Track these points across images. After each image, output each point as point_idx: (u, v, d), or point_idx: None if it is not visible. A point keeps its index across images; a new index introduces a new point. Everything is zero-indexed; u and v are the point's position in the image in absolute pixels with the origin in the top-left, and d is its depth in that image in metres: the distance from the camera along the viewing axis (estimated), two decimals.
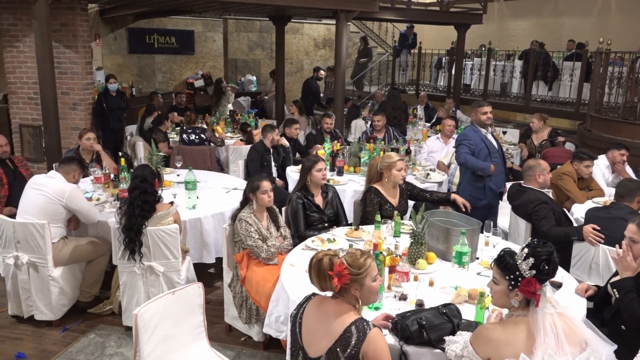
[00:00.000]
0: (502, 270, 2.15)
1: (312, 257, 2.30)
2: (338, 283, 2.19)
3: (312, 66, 14.22)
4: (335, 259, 2.23)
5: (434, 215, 3.74)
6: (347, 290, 2.23)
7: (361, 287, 2.23)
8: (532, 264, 2.06)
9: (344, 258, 2.24)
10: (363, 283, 2.22)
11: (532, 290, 2.06)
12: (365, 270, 2.22)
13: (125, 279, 3.89)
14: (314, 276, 2.28)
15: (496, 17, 14.18)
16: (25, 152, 7.25)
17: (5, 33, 7.09)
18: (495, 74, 11.55)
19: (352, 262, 2.22)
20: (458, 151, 4.87)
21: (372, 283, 2.26)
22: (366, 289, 2.24)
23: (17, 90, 7.23)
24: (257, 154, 5.97)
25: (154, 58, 12.62)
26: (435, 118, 9.62)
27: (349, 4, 7.75)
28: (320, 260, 2.24)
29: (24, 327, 4.06)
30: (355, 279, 2.20)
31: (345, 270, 2.19)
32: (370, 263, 2.25)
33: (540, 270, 2.06)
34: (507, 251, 2.19)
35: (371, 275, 2.24)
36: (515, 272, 2.09)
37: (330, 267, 2.21)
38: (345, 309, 2.22)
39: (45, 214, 3.98)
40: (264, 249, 3.67)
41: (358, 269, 2.21)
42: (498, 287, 2.18)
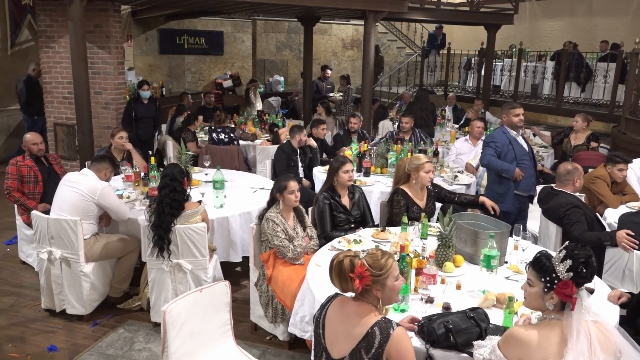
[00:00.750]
0: (537, 272, 2.11)
1: (333, 259, 2.29)
2: (359, 285, 2.18)
3: (340, 66, 14.24)
4: (356, 260, 2.22)
5: (461, 217, 3.70)
6: (368, 292, 2.22)
7: (383, 287, 2.21)
8: (569, 266, 2.02)
9: (365, 259, 2.22)
10: (385, 284, 2.21)
11: (568, 293, 2.01)
12: (387, 270, 2.20)
13: (154, 275, 3.96)
14: (335, 278, 2.26)
15: (527, 17, 13.93)
16: (59, 150, 7.44)
17: (42, 34, 7.29)
18: (526, 75, 11.35)
19: (373, 263, 2.20)
20: (483, 152, 4.82)
21: (394, 283, 2.24)
22: (388, 289, 2.23)
23: (52, 90, 7.43)
24: (284, 154, 6.00)
25: (183, 58, 12.81)
26: (463, 119, 9.51)
27: (378, 5, 7.72)
28: (341, 262, 2.23)
29: (56, 321, 4.17)
30: (376, 280, 2.19)
31: (367, 272, 2.17)
32: (392, 263, 2.23)
33: (578, 273, 2.02)
34: (544, 253, 2.15)
35: (393, 276, 2.23)
36: (551, 274, 2.05)
37: (351, 268, 2.20)
38: (367, 309, 2.21)
39: (78, 211, 4.08)
40: (290, 249, 3.69)
41: (379, 269, 2.19)
42: (533, 289, 2.14)
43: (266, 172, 6.23)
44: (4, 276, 4.92)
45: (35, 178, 4.86)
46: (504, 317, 2.65)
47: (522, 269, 3.34)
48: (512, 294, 2.75)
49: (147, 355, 3.73)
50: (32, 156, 4.92)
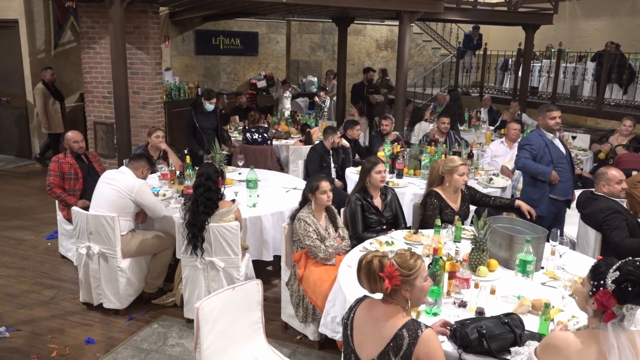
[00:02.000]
0: (591, 274, 2.06)
1: (361, 259, 2.28)
2: (389, 284, 2.17)
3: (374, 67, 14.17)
4: (385, 260, 2.21)
5: (497, 221, 3.63)
6: (397, 292, 2.20)
7: (412, 288, 2.20)
8: (615, 278, 1.95)
9: (394, 259, 2.21)
10: (414, 284, 2.20)
11: (605, 302, 1.95)
12: (416, 271, 2.19)
13: (188, 272, 4.02)
14: (364, 278, 2.26)
15: (567, 17, 13.58)
16: (99, 148, 7.65)
17: (84, 35, 7.51)
18: (566, 77, 11.06)
19: (402, 263, 2.19)
20: (518, 155, 4.72)
21: (423, 284, 2.23)
22: (417, 290, 2.22)
23: (92, 90, 7.64)
24: (316, 155, 6.02)
25: (219, 59, 12.99)
26: (499, 121, 9.34)
27: (414, 5, 7.65)
28: (370, 262, 2.22)
29: (93, 314, 4.28)
30: (406, 280, 2.18)
31: (396, 272, 2.16)
32: (420, 264, 2.22)
33: (621, 289, 1.93)
34: (608, 260, 2.09)
35: (422, 276, 2.22)
36: (599, 280, 1.99)
37: (380, 268, 2.19)
38: (395, 311, 2.20)
39: (116, 208, 4.18)
40: (321, 249, 3.70)
41: (409, 270, 2.18)
42: (583, 289, 2.10)
43: (298, 172, 6.25)
44: (45, 270, 5.08)
45: (75, 175, 5.00)
46: (539, 324, 2.59)
47: (559, 275, 3.26)
48: (549, 300, 2.69)
49: (180, 351, 3.79)
50: (73, 154, 5.07)
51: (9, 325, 4.04)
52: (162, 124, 7.69)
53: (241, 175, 5.47)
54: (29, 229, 6.07)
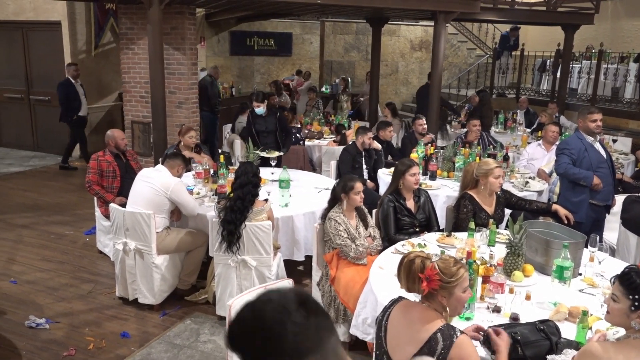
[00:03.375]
0: (625, 288, 1.98)
1: (404, 256, 2.27)
2: (426, 287, 2.15)
3: (408, 68, 14.07)
4: (428, 262, 2.19)
5: (533, 225, 3.55)
6: (434, 296, 2.18)
7: (449, 296, 2.17)
8: None
9: (437, 263, 2.18)
10: (452, 292, 2.16)
11: None
12: (457, 280, 2.16)
13: (220, 270, 4.08)
14: (403, 276, 2.24)
15: (609, 17, 13.17)
16: (135, 147, 7.82)
17: (123, 36, 7.70)
18: (606, 78, 10.73)
19: (444, 268, 2.16)
20: (558, 160, 4.58)
21: (462, 294, 2.19)
22: (454, 299, 2.18)
23: (130, 89, 7.82)
24: (349, 156, 6.01)
25: (253, 59, 13.11)
26: (536, 123, 9.13)
27: (450, 5, 7.56)
28: (412, 261, 2.21)
29: (129, 309, 4.38)
30: (444, 286, 2.15)
31: (436, 276, 2.14)
32: (463, 274, 2.18)
33: None
34: (634, 269, 2.01)
35: (462, 286, 2.18)
36: None
37: (421, 269, 2.17)
38: (431, 315, 2.17)
39: (152, 205, 4.27)
40: (352, 248, 3.69)
41: (449, 277, 2.15)
42: (617, 305, 2.01)
43: (331, 172, 6.26)
44: (84, 264, 5.23)
45: (113, 173, 5.13)
46: (576, 332, 2.53)
47: (597, 282, 3.17)
48: (587, 307, 2.62)
49: (212, 347, 3.85)
50: (112, 152, 5.20)
51: (48, 317, 4.18)
52: (196, 124, 7.81)
53: (274, 175, 5.51)
54: (68, 225, 6.26)
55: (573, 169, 4.45)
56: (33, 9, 9.29)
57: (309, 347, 1.07)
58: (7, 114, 10.33)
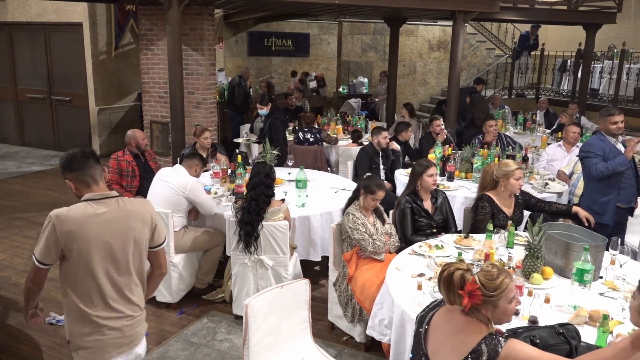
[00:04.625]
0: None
1: (444, 269, 2.12)
2: (468, 303, 2.02)
3: (425, 68, 13.99)
4: (468, 275, 2.04)
5: (552, 227, 3.51)
6: (477, 310, 2.06)
7: (494, 309, 2.04)
8: None
9: (478, 276, 2.04)
10: (497, 305, 2.03)
11: None
12: (501, 292, 2.01)
13: (237, 270, 4.10)
14: (443, 290, 2.11)
15: (632, 16, 12.94)
16: (154, 147, 7.90)
17: (143, 37, 7.79)
18: (629, 78, 10.54)
19: (486, 282, 2.01)
20: (587, 164, 4.40)
21: (508, 305, 2.05)
22: (500, 311, 2.05)
23: (149, 90, 7.91)
24: (366, 156, 5.99)
25: (270, 60, 13.17)
26: (556, 124, 9.01)
27: (469, 5, 7.49)
28: (452, 275, 2.06)
29: (146, 307, 4.32)
30: (488, 300, 2.01)
31: (478, 291, 2.00)
32: (508, 284, 2.03)
33: None
34: None
35: (507, 298, 2.03)
36: None
37: (461, 284, 2.03)
38: (476, 326, 2.06)
39: (170, 204, 4.31)
40: (370, 242, 3.69)
41: (492, 290, 2.01)
42: (634, 302, 1.99)
43: (347, 173, 6.25)
44: None
45: (133, 172, 5.19)
46: (597, 336, 2.49)
47: (618, 286, 3.12)
48: (607, 311, 2.57)
49: (228, 346, 3.87)
50: (132, 152, 5.26)
51: None
52: (214, 124, 7.87)
53: (291, 175, 5.52)
54: None
55: (606, 165, 4.29)
56: (55, 11, 9.45)
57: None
58: (29, 114, 10.52)
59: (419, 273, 3.23)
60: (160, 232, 2.54)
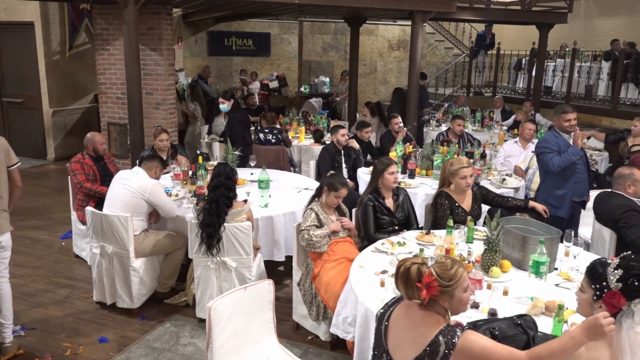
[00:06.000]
0: (589, 278, 2.04)
1: (400, 265, 2.17)
2: (426, 295, 2.07)
3: (386, 67, 14.15)
4: (424, 268, 2.11)
5: (510, 222, 3.60)
6: (435, 302, 2.11)
7: (451, 298, 2.11)
8: (619, 277, 1.93)
9: (434, 268, 2.11)
10: (453, 294, 2.10)
11: (615, 304, 1.93)
12: (457, 281, 2.09)
13: (200, 272, 4.04)
14: (401, 285, 2.16)
15: (582, 16, 13.43)
16: (112, 149, 7.71)
17: (98, 37, 7.59)
18: (580, 76, 10.94)
19: (442, 272, 2.09)
20: (544, 159, 4.54)
21: (463, 294, 2.12)
22: (456, 301, 2.12)
23: (106, 91, 7.71)
24: (328, 155, 6.01)
25: (231, 60, 13.05)
26: (512, 121, 9.26)
27: (426, 5, 7.61)
28: (408, 269, 2.12)
29: (107, 313, 4.32)
30: (445, 290, 2.08)
31: (435, 282, 2.06)
32: (462, 273, 2.11)
33: (628, 285, 1.92)
34: (601, 260, 2.06)
35: (462, 287, 2.11)
36: (602, 282, 1.97)
37: (418, 277, 2.09)
38: (433, 318, 2.12)
39: (129, 207, 4.22)
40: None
41: (448, 280, 2.08)
42: (583, 295, 2.07)
43: (310, 172, 6.25)
44: (59, 269, 5.14)
45: (94, 176, 5.06)
46: (553, 326, 2.57)
47: (572, 276, 3.23)
48: (562, 301, 2.66)
49: (192, 350, 3.81)
50: (91, 155, 5.12)
51: (24, 323, 4.09)
52: (175, 125, 7.74)
53: (253, 175, 5.48)
54: (44, 229, 6.15)
55: (561, 158, 4.44)
56: (5, 10, 9.11)
57: None
58: None
59: (382, 270, 3.26)
60: (12, 155, 3.86)
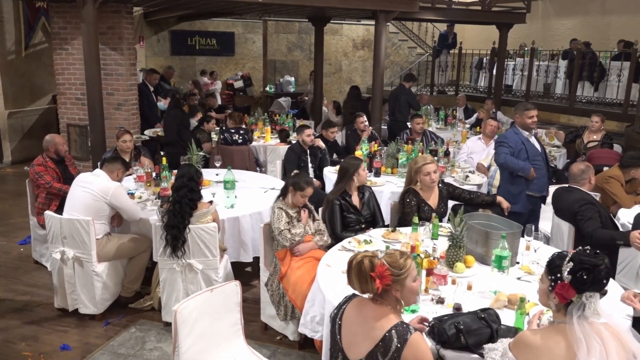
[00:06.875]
0: (547, 269, 2.12)
1: (351, 259, 2.26)
2: (380, 284, 2.15)
3: (351, 67, 14.23)
4: (376, 260, 2.20)
5: (473, 218, 3.67)
6: (388, 292, 2.20)
7: (402, 287, 2.20)
8: (570, 269, 2.01)
9: (384, 259, 2.20)
10: (404, 284, 2.19)
11: (565, 295, 2.01)
12: (407, 270, 2.19)
13: (165, 275, 3.98)
14: (355, 278, 2.23)
15: (540, 16, 13.81)
16: (72, 151, 7.50)
17: (55, 36, 7.37)
18: (539, 75, 11.25)
19: (392, 262, 2.19)
20: (498, 151, 4.78)
21: (413, 283, 2.23)
22: (407, 290, 2.21)
23: (65, 91, 7.50)
24: (294, 155, 6.00)
25: (195, 59, 12.89)
26: (474, 119, 9.45)
27: (389, 5, 7.69)
28: (361, 262, 2.21)
29: (68, 320, 4.20)
30: (396, 279, 2.17)
31: (387, 272, 2.15)
32: (411, 263, 2.22)
33: (577, 278, 1.99)
34: (560, 253, 2.14)
35: (412, 276, 2.22)
36: (556, 274, 2.04)
37: (371, 268, 2.18)
38: (385, 312, 2.19)
39: (90, 211, 4.11)
40: (287, 238, 3.72)
41: (399, 269, 2.18)
42: (542, 285, 2.15)
43: (277, 172, 6.24)
44: (18, 276, 4.97)
45: (58, 179, 4.94)
46: (515, 318, 2.63)
47: (533, 270, 3.32)
48: (524, 294, 2.73)
49: (158, 355, 3.75)
50: (52, 158, 4.98)
51: None
52: (137, 126, 7.59)
53: (219, 176, 5.43)
54: (1, 235, 5.94)
55: (512, 159, 4.65)
56: None
57: None
58: None
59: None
60: None
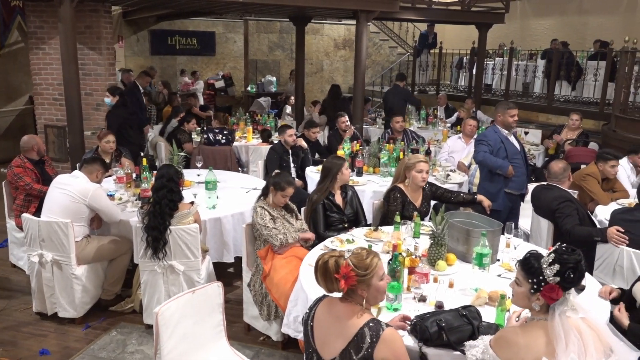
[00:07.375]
0: (525, 273, 2.12)
1: (318, 259, 2.27)
2: (345, 285, 2.17)
3: (332, 66, 14.24)
4: (341, 260, 2.21)
5: (454, 216, 3.71)
6: (354, 292, 2.21)
7: (368, 287, 2.21)
8: (557, 271, 2.02)
9: (350, 259, 2.21)
10: (370, 283, 2.20)
11: (554, 296, 2.03)
12: (372, 270, 2.20)
13: (146, 277, 3.94)
14: (320, 278, 2.26)
15: (519, 16, 13.98)
16: (50, 152, 7.38)
17: (32, 36, 7.24)
18: (517, 74, 11.39)
19: (358, 263, 2.19)
20: (477, 149, 4.84)
21: (379, 282, 2.24)
22: (373, 289, 2.22)
23: (42, 92, 7.38)
24: (276, 155, 5.99)
25: (175, 59, 12.78)
26: (455, 118, 9.54)
27: (370, 4, 7.72)
28: (326, 263, 2.22)
29: (48, 324, 4.14)
30: (362, 280, 2.18)
31: (352, 272, 2.16)
32: (377, 262, 2.23)
33: (565, 278, 2.02)
34: (534, 254, 2.16)
35: (378, 275, 2.22)
36: (539, 277, 2.06)
37: (336, 269, 2.19)
38: (355, 310, 2.21)
39: (69, 213, 4.05)
40: (278, 238, 3.71)
41: (364, 269, 2.18)
42: (520, 288, 2.15)
43: (259, 172, 6.21)
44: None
45: (37, 180, 4.86)
46: (496, 315, 2.66)
47: (514, 267, 3.35)
48: (505, 291, 2.76)
49: (139, 358, 3.71)
50: (32, 159, 4.90)
51: None
52: None
53: (200, 176, 5.39)
54: None
55: (490, 157, 4.71)
56: None
57: None
58: None
59: None
60: None
